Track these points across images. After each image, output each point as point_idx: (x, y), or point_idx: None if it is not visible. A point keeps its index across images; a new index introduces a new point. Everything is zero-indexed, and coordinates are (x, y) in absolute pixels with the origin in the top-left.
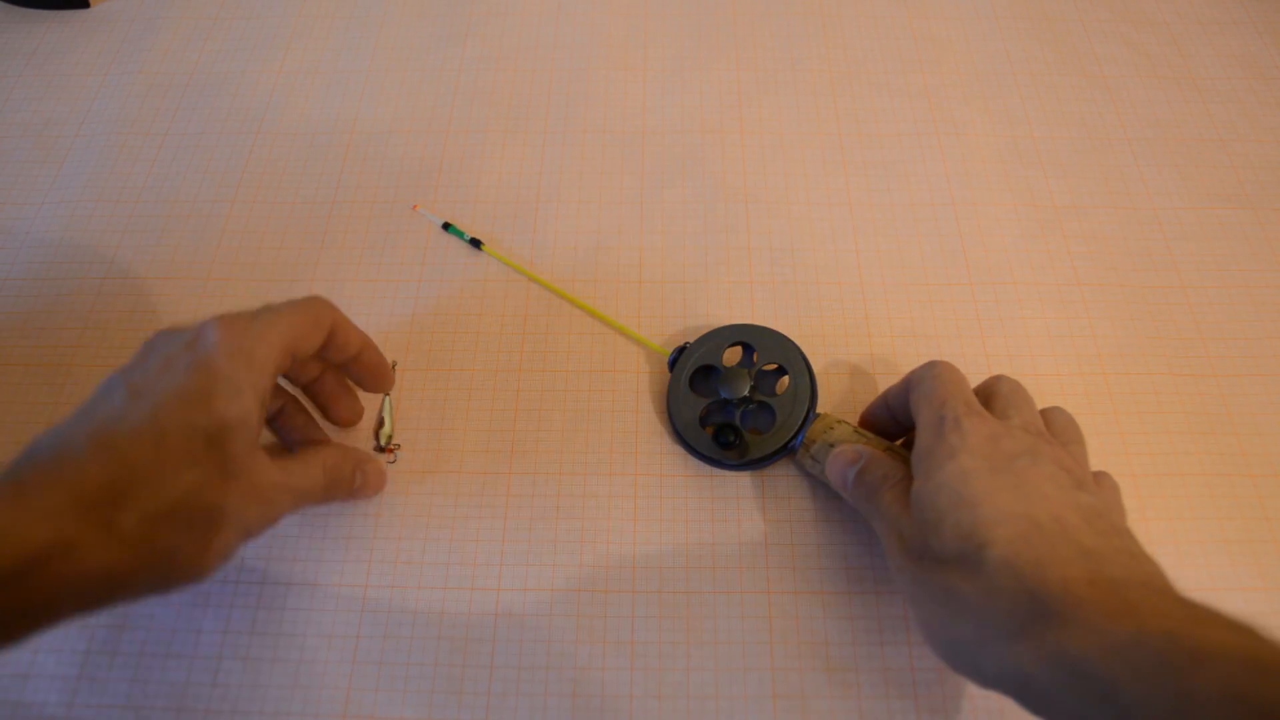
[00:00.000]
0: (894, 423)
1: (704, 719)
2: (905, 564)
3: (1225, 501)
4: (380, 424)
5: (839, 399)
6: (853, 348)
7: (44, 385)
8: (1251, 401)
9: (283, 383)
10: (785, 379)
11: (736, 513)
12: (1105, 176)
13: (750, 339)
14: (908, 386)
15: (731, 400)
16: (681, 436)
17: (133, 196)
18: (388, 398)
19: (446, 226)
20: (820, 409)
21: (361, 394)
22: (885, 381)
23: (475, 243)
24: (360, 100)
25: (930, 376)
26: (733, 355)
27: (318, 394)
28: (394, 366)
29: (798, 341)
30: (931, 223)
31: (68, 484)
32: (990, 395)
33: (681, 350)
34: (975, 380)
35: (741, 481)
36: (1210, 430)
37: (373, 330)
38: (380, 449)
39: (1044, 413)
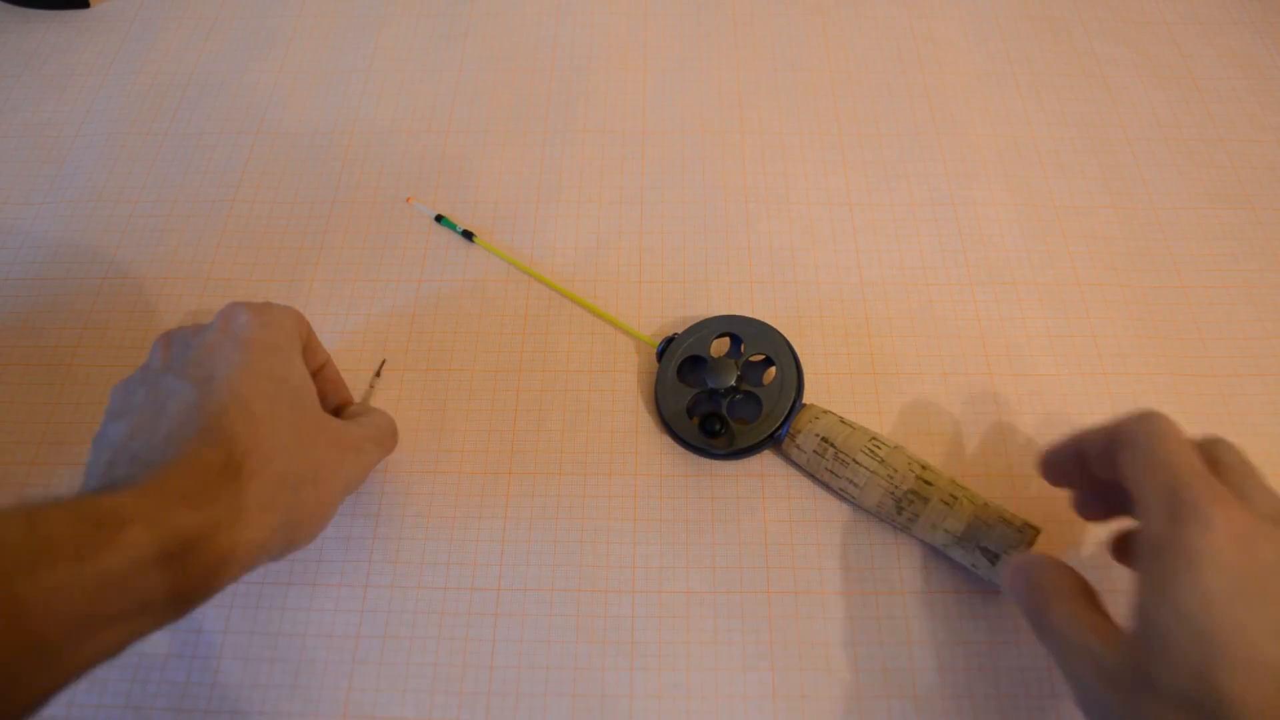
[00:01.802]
0: (1085, 475)
1: (704, 719)
2: (1107, 696)
3: None
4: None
5: (840, 399)
6: (853, 347)
7: (44, 385)
8: (1251, 401)
9: None
10: (772, 369)
11: (736, 513)
12: (1105, 176)
13: (738, 330)
14: (1113, 441)
15: (718, 390)
16: (669, 426)
17: (133, 196)
18: (377, 378)
19: (439, 219)
20: (811, 402)
21: (373, 390)
22: (885, 381)
23: (467, 235)
24: (360, 100)
25: (1149, 435)
26: (721, 346)
27: None
28: (381, 365)
29: (797, 340)
30: (931, 223)
31: (197, 471)
32: (1214, 464)
33: (670, 340)
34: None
35: (742, 482)
36: (1210, 430)
37: (373, 330)
38: None
39: None
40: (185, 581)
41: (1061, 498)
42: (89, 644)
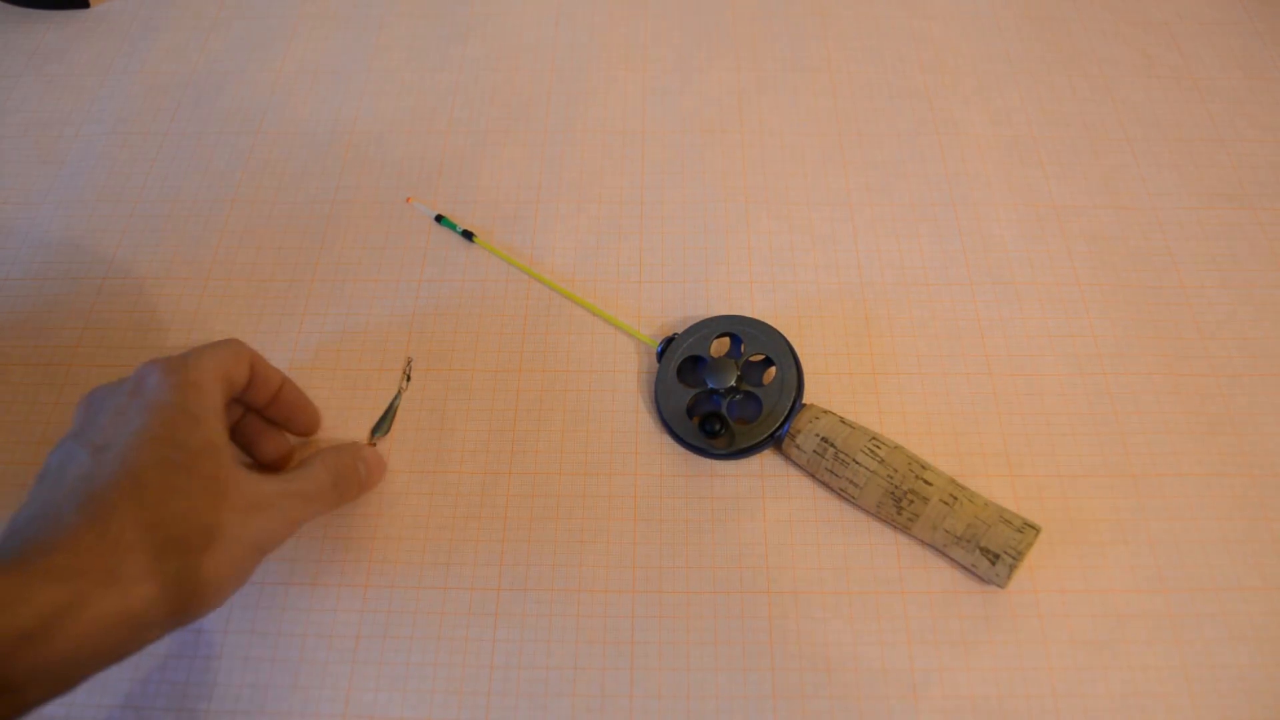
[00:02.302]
0: None
1: (704, 719)
2: None
3: (1225, 501)
4: (382, 419)
5: (840, 399)
6: (853, 348)
7: (44, 385)
8: (1251, 401)
9: None
10: (773, 369)
11: (736, 513)
12: (1105, 176)
13: (738, 330)
14: None
15: (718, 390)
16: (669, 426)
17: (133, 196)
18: (400, 396)
19: (439, 219)
20: (811, 402)
21: (368, 392)
22: (885, 381)
23: (468, 235)
24: (360, 100)
25: None
26: (721, 346)
27: (241, 436)
28: (409, 364)
29: (797, 340)
30: (931, 223)
31: (64, 546)
32: None
33: (670, 340)
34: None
35: (742, 482)
36: (1210, 430)
37: (373, 331)
38: (371, 442)
39: None
40: (53, 657)
41: (1061, 497)
42: None
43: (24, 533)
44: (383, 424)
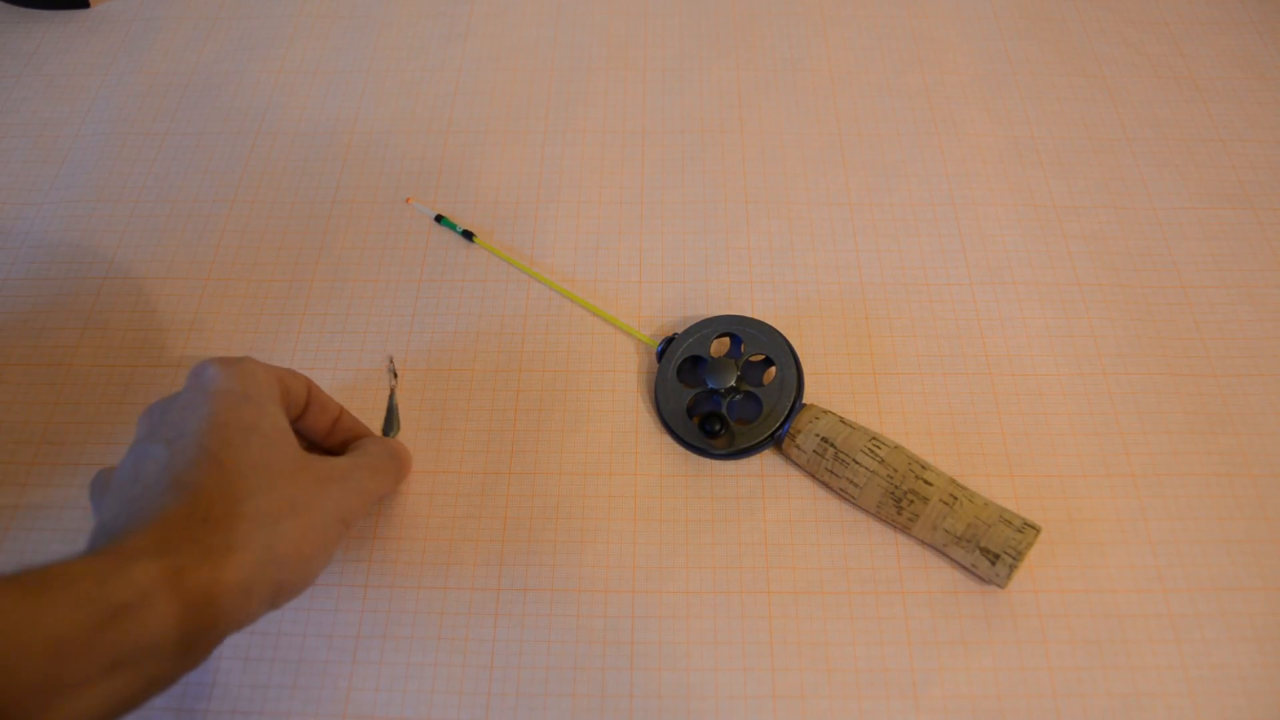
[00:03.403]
0: None
1: (704, 719)
2: None
3: (1225, 501)
4: (387, 421)
5: (839, 399)
6: (852, 347)
7: (44, 385)
8: (1251, 401)
9: None
10: (772, 369)
11: (736, 513)
12: (1105, 176)
13: (738, 330)
14: None
15: (718, 390)
16: (669, 426)
17: (133, 196)
18: (394, 394)
19: (439, 219)
20: (811, 402)
21: (368, 393)
22: (885, 381)
23: (468, 235)
24: (360, 100)
25: None
26: (721, 347)
27: None
28: (391, 362)
29: (797, 340)
30: (931, 223)
31: (157, 525)
32: None
33: (670, 340)
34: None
35: (742, 482)
36: (1210, 430)
37: (373, 331)
38: None
39: None
40: (156, 631)
41: (1061, 496)
42: (59, 711)
43: (113, 526)
44: (390, 425)
